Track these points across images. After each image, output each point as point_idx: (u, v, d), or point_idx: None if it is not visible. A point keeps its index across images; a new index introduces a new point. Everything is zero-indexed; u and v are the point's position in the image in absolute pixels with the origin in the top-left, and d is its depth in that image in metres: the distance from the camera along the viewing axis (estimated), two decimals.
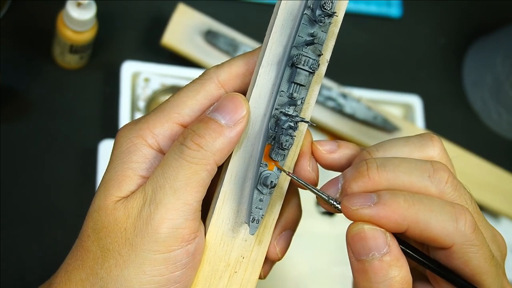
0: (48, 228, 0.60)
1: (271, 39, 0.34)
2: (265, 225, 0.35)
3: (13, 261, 0.57)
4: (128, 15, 0.71)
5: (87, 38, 0.62)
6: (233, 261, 0.34)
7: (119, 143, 0.34)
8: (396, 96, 0.75)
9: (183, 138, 0.32)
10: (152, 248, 0.31)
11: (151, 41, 0.70)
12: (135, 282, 0.31)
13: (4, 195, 0.60)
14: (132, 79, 0.65)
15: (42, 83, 0.65)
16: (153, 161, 0.33)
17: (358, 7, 0.80)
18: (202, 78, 0.35)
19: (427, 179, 0.32)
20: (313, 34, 0.33)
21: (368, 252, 0.31)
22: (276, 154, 0.33)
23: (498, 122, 0.80)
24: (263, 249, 0.35)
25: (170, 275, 0.31)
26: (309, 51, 0.33)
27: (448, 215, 0.31)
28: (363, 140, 0.69)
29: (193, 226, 0.32)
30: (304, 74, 0.33)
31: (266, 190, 0.34)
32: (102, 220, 0.32)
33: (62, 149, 0.63)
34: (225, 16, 0.71)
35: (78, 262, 0.33)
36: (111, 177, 0.33)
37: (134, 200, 0.32)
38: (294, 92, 0.33)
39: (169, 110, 0.34)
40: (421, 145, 0.34)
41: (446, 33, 0.85)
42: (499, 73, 0.78)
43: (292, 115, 0.33)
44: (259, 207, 0.34)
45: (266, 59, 0.34)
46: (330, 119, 0.69)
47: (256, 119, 0.34)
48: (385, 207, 0.31)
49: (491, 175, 0.74)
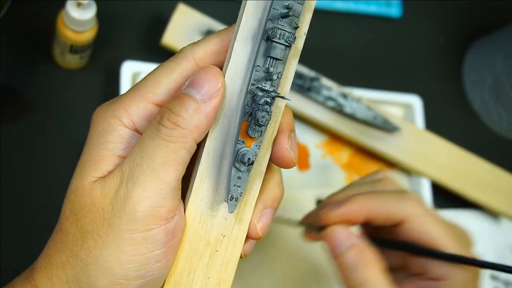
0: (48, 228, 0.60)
1: (245, 12, 0.33)
2: (245, 203, 0.34)
3: (13, 261, 0.57)
4: (128, 15, 0.71)
5: (87, 38, 0.62)
6: (213, 240, 0.34)
7: (94, 124, 0.34)
8: (396, 96, 0.75)
9: (160, 117, 0.32)
10: (131, 227, 0.31)
11: (151, 41, 0.70)
12: (115, 262, 0.31)
13: (4, 195, 0.60)
14: (132, 79, 0.65)
15: (42, 83, 0.65)
16: (129, 141, 0.33)
17: (358, 7, 0.80)
18: (177, 57, 0.34)
19: (373, 185, 0.46)
20: (288, 6, 0.32)
21: (338, 247, 0.42)
22: (253, 131, 0.33)
23: (498, 122, 0.80)
24: (243, 227, 0.35)
25: (150, 254, 0.31)
26: (285, 24, 0.32)
27: (395, 197, 0.43)
28: (363, 140, 0.69)
29: (171, 205, 0.31)
30: (280, 48, 0.32)
31: (244, 167, 0.33)
32: (79, 201, 0.32)
33: (62, 149, 0.63)
34: (225, 16, 0.71)
35: (58, 245, 0.33)
36: (87, 158, 0.33)
37: (111, 180, 0.32)
38: (270, 67, 0.32)
39: (144, 90, 0.34)
40: (372, 184, 0.46)
41: (446, 33, 0.85)
42: (499, 73, 0.78)
43: (269, 91, 0.33)
44: (237, 184, 0.33)
45: (241, 33, 0.33)
46: (330, 119, 0.69)
47: (233, 95, 0.33)
48: (348, 204, 0.43)
49: (491, 175, 0.74)
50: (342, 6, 0.79)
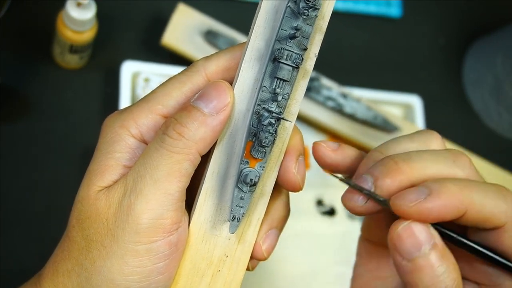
0: (48, 228, 0.60)
1: (254, 32, 0.33)
2: (249, 224, 0.34)
3: (12, 261, 0.57)
4: (128, 15, 0.71)
5: (87, 38, 0.62)
6: (216, 260, 0.34)
7: (103, 133, 0.34)
8: (396, 96, 0.75)
9: (165, 127, 0.31)
10: (134, 239, 0.31)
11: (151, 41, 0.70)
12: (118, 273, 0.31)
13: (4, 195, 0.60)
14: (132, 79, 0.65)
15: (42, 83, 0.65)
16: (136, 151, 0.33)
17: (358, 7, 0.80)
18: (189, 70, 0.34)
19: (453, 165, 0.32)
20: (296, 28, 0.32)
21: (419, 247, 0.30)
22: (257, 152, 0.33)
23: (498, 122, 0.80)
24: (247, 248, 0.34)
25: (152, 267, 0.31)
26: (293, 45, 0.32)
27: (496, 193, 0.31)
28: (363, 140, 0.69)
29: (175, 217, 0.31)
30: (287, 69, 0.32)
31: (246, 188, 0.33)
32: (85, 210, 0.32)
33: (62, 149, 0.63)
34: (225, 16, 0.71)
35: (65, 253, 0.33)
36: (94, 168, 0.33)
37: (115, 190, 0.32)
38: (277, 88, 0.32)
39: (153, 101, 0.34)
40: (425, 139, 0.34)
41: (446, 33, 0.85)
42: (499, 73, 0.78)
43: (274, 111, 0.33)
44: (240, 205, 0.33)
45: (248, 53, 0.33)
46: (330, 119, 0.69)
47: (239, 115, 0.33)
48: (440, 196, 0.30)
49: (491, 175, 0.74)
50: (342, 6, 0.79)
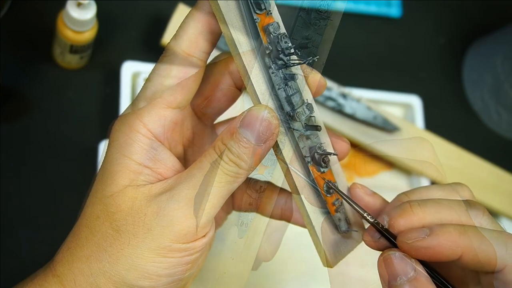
0: (48, 228, 0.60)
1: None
2: (255, 228, 0.35)
3: (13, 261, 0.57)
4: (128, 15, 0.71)
5: (87, 38, 0.62)
6: (222, 262, 0.35)
7: (114, 137, 0.35)
8: (396, 96, 0.75)
9: (219, 150, 0.33)
10: (171, 238, 0.33)
11: (151, 41, 0.70)
12: (148, 260, 0.33)
13: (4, 195, 0.60)
14: (132, 79, 0.65)
15: (42, 83, 0.65)
16: (149, 150, 0.35)
17: (358, 7, 0.80)
18: (166, 56, 0.35)
19: (465, 213, 0.35)
20: (307, 37, 0.33)
21: (396, 276, 0.33)
22: (265, 159, 0.34)
23: (498, 122, 0.80)
24: (252, 251, 0.35)
25: (183, 259, 0.33)
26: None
27: (497, 240, 0.33)
28: (363, 140, 0.69)
29: (211, 225, 0.34)
30: None
31: (256, 194, 0.34)
32: (116, 205, 0.34)
33: (62, 149, 0.63)
34: None
35: (81, 240, 0.34)
36: (115, 169, 0.34)
37: (158, 192, 0.34)
38: None
39: (151, 97, 0.35)
40: (453, 189, 0.38)
41: (446, 33, 0.85)
42: (499, 73, 0.78)
43: None
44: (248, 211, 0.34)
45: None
46: (330, 119, 0.69)
47: None
48: (438, 236, 0.33)
49: (491, 175, 0.74)
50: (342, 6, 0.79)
